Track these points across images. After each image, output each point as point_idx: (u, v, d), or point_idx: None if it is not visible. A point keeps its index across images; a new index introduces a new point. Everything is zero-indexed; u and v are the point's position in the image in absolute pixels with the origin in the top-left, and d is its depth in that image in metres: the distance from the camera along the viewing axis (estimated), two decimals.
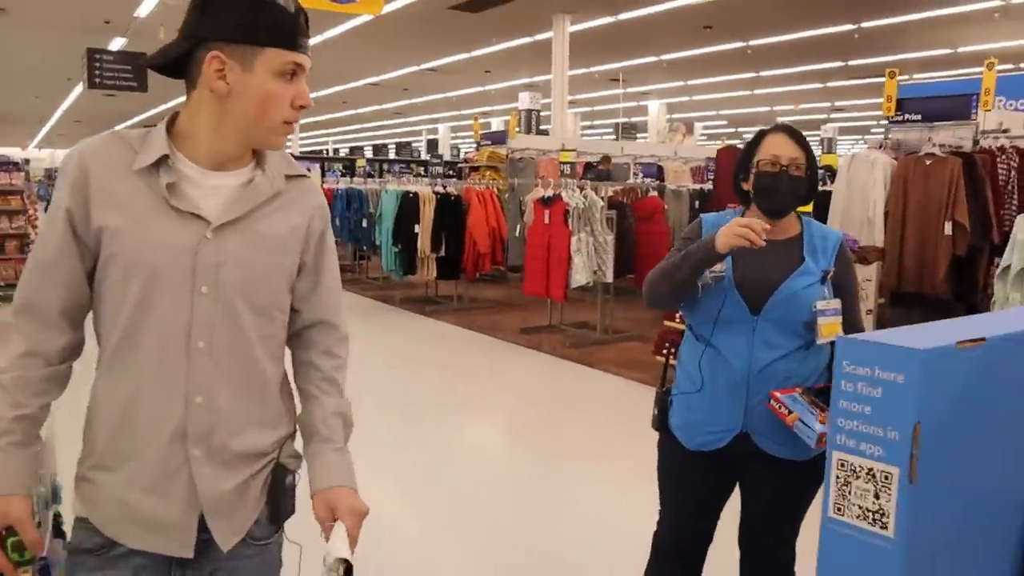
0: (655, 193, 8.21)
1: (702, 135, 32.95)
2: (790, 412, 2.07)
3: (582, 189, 7.40)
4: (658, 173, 10.00)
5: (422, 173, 17.35)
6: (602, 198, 7.15)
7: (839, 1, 11.86)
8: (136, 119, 31.04)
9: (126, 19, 12.53)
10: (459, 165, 14.78)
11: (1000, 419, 1.03)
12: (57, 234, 1.41)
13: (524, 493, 4.22)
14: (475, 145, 13.62)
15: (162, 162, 1.41)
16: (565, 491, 4.24)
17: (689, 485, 2.43)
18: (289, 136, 1.52)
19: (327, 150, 37.91)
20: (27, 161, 22.99)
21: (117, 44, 14.53)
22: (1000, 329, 1.05)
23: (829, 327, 2.16)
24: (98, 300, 1.45)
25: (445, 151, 29.00)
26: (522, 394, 6.21)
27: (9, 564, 1.39)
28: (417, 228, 9.16)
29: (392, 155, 26.56)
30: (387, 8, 12.30)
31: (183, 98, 1.47)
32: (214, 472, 1.45)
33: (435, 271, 9.33)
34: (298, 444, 1.62)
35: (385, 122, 33.24)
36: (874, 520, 0.96)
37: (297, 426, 1.62)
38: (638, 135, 22.98)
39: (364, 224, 10.77)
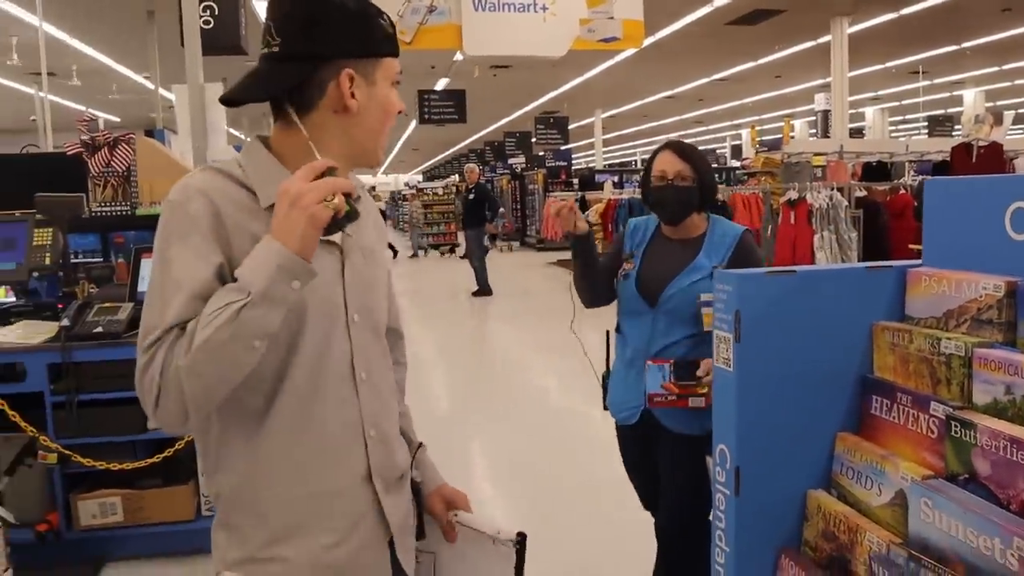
0: (905, 191, 8.33)
1: None
2: (646, 377, 2.35)
3: (840, 190, 7.83)
4: (934, 171, 9.85)
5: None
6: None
7: None
8: (459, 146, 35.03)
9: (447, 63, 14.80)
10: (735, 171, 15.29)
11: (809, 315, 1.89)
12: (198, 284, 1.21)
13: None
14: (755, 151, 14.10)
15: None
16: None
17: (627, 460, 2.73)
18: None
19: (634, 162, 39.55)
20: (373, 188, 27.01)
21: (441, 84, 17.08)
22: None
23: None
24: None
25: (752, 155, 29.14)
26: None
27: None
28: None
29: None
30: (664, 32, 13.34)
31: (494, 126, 2.14)
32: (393, 501, 1.43)
33: None
34: None
35: (688, 131, 34.01)
36: (725, 362, 1.89)
37: None
38: (955, 128, 21.48)
39: None
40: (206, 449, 1.37)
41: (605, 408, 2.72)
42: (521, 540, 1.51)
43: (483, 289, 11.83)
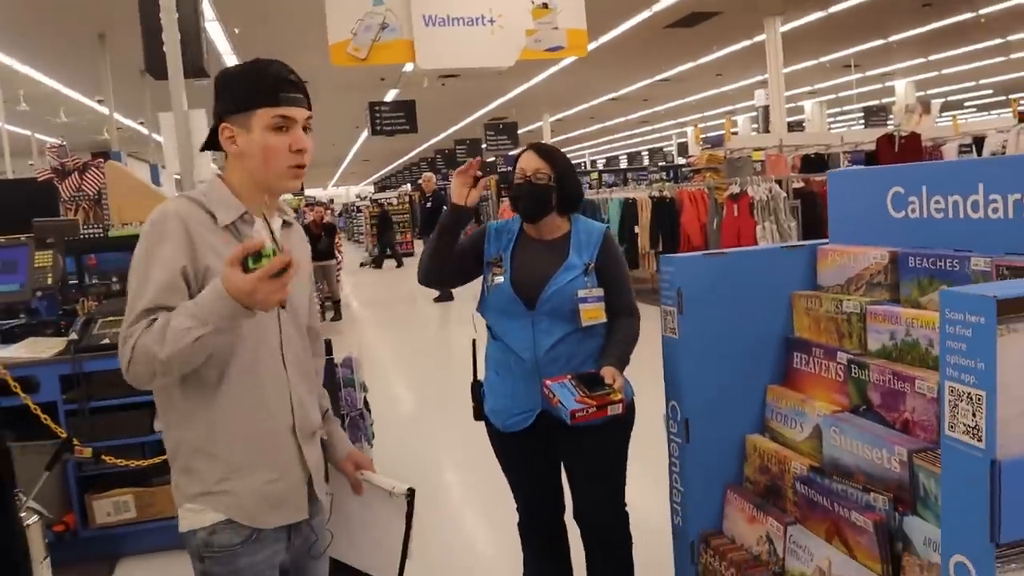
0: None
1: (970, 107, 30.76)
2: (554, 396, 2.26)
3: (779, 182, 8.31)
4: (866, 160, 10.42)
5: (663, 178, 18.63)
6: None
7: None
8: (410, 155, 35.22)
9: (396, 75, 15.06)
10: (682, 168, 15.80)
11: (740, 289, 2.25)
12: (168, 277, 1.62)
13: None
14: (700, 148, 14.62)
15: (240, 219, 1.73)
16: None
17: (515, 464, 2.65)
18: (302, 178, 1.78)
19: (584, 163, 40.08)
20: (331, 200, 27.06)
21: (391, 95, 17.31)
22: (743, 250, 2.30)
23: (590, 312, 2.45)
24: None
25: (697, 152, 29.82)
26: None
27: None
28: (637, 228, 10.49)
29: (628, 163, 27.82)
30: (606, 37, 13.78)
31: (444, 134, 2.54)
32: (310, 449, 1.85)
33: (656, 265, 10.57)
34: None
35: (634, 131, 34.62)
36: (672, 331, 2.24)
37: None
38: (888, 118, 22.34)
39: None
40: (166, 410, 1.76)
41: (478, 419, 2.66)
42: (411, 494, 1.89)
43: (444, 294, 12.12)
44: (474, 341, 2.71)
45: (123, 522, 3.62)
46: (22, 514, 2.69)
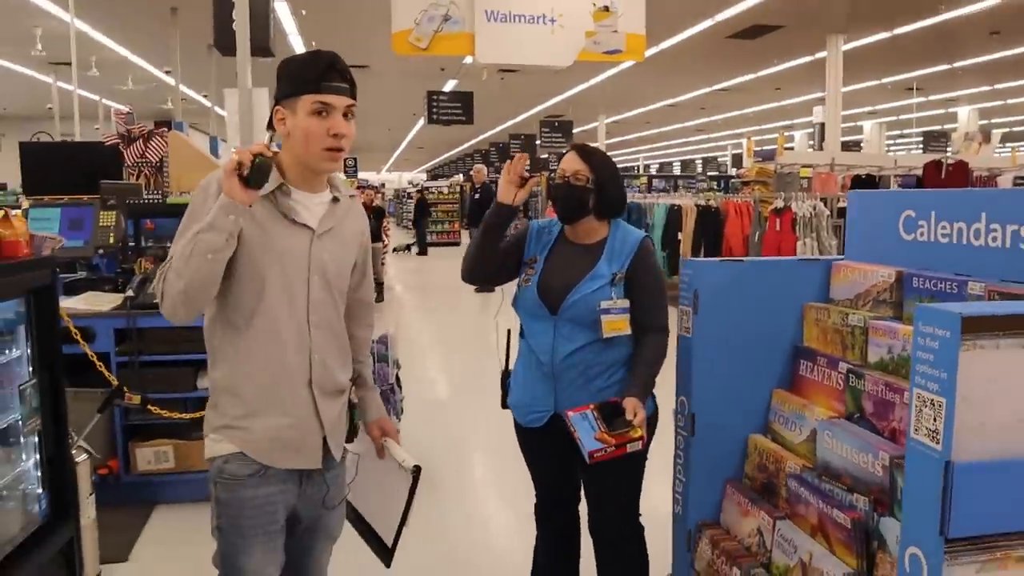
0: None
1: None
2: (574, 430, 2.24)
3: (824, 200, 8.32)
4: (916, 184, 10.33)
5: (714, 187, 18.59)
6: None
7: None
8: (464, 146, 35.52)
9: (456, 66, 15.27)
10: (732, 180, 15.76)
11: (755, 296, 2.36)
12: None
13: None
14: (752, 161, 14.58)
15: (278, 189, 1.90)
16: None
17: (532, 456, 2.67)
18: (339, 160, 1.92)
19: (638, 167, 39.99)
20: (383, 184, 27.36)
21: (450, 85, 17.53)
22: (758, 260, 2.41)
23: (612, 324, 2.39)
24: (236, 284, 1.87)
25: (748, 164, 29.59)
26: None
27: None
28: (680, 235, 10.55)
29: (681, 170, 27.72)
30: (666, 43, 13.81)
31: (499, 128, 2.62)
32: (328, 405, 1.98)
33: None
34: None
35: (689, 138, 34.45)
36: (687, 330, 2.36)
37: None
38: (948, 144, 21.96)
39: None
40: (210, 351, 1.97)
41: (504, 407, 2.67)
42: (416, 470, 2.02)
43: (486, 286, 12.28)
44: (508, 331, 2.73)
45: (162, 471, 3.83)
46: (72, 451, 2.91)
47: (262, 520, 1.92)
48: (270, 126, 1.96)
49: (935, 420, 1.27)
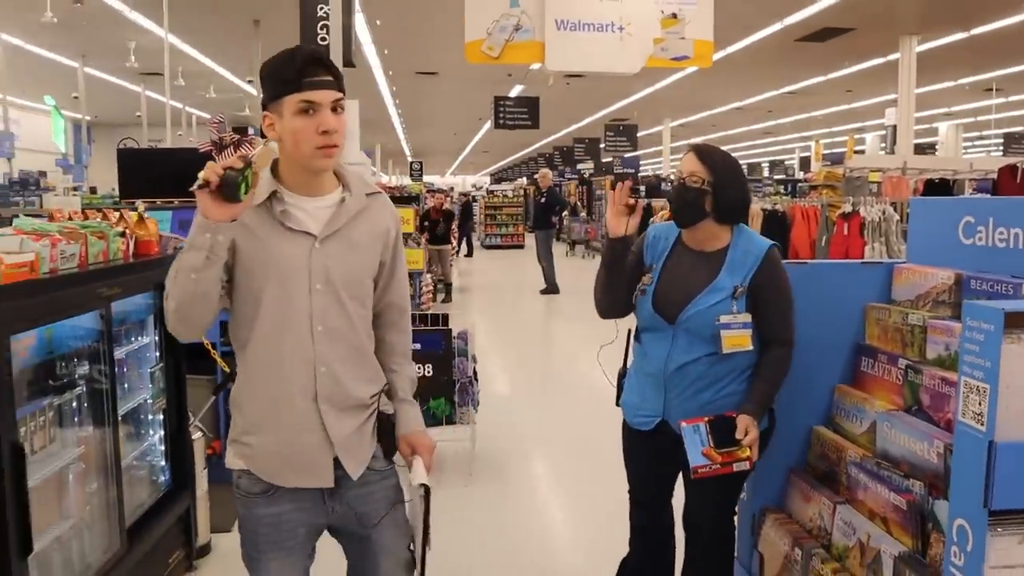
0: None
1: None
2: (684, 442, 2.25)
3: (894, 205, 8.29)
4: (992, 188, 10.13)
5: (781, 191, 18.45)
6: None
7: None
8: (528, 149, 35.79)
9: (523, 71, 15.50)
10: (799, 183, 15.64)
11: (819, 297, 2.51)
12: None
13: None
14: (820, 165, 14.45)
15: (273, 196, 1.80)
16: None
17: (632, 458, 2.62)
18: (333, 157, 1.79)
19: None
20: (451, 188, 27.85)
21: (516, 90, 17.78)
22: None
23: (733, 340, 2.30)
24: (237, 296, 1.81)
25: (817, 168, 29.16)
26: None
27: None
28: None
29: (748, 174, 27.50)
30: (734, 47, 13.81)
31: (564, 131, 2.54)
32: (338, 420, 1.84)
33: None
34: None
35: (756, 142, 34.09)
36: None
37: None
38: None
39: None
40: None
41: (617, 404, 2.65)
42: (424, 490, 1.87)
43: (551, 287, 12.48)
44: (629, 331, 2.64)
45: None
46: (189, 429, 3.22)
47: (278, 536, 1.87)
48: (262, 133, 2.00)
49: (980, 404, 1.43)
